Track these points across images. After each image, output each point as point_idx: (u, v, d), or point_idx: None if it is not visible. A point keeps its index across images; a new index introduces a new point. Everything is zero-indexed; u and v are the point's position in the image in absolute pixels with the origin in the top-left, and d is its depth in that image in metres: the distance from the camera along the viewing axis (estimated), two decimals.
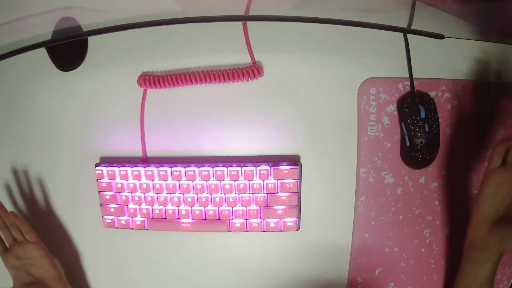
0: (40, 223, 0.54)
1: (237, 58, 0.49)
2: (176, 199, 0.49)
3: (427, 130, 0.45)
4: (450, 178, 0.49)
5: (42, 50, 0.51)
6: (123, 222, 0.51)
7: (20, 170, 0.54)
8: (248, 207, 0.49)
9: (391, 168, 0.49)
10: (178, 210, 0.50)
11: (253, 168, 0.48)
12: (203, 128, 0.50)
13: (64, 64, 0.51)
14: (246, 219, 0.49)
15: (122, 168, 0.50)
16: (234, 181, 0.48)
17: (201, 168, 0.48)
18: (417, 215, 0.49)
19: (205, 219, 0.50)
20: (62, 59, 0.51)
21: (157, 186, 0.49)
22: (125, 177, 0.50)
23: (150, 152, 0.52)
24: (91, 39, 0.51)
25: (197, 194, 0.49)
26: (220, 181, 0.48)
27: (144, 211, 0.50)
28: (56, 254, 0.55)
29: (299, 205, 0.49)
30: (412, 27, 0.46)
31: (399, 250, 0.50)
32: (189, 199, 0.49)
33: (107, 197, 0.51)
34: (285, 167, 0.47)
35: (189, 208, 0.49)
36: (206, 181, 0.49)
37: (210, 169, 0.48)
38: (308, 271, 0.52)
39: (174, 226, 0.50)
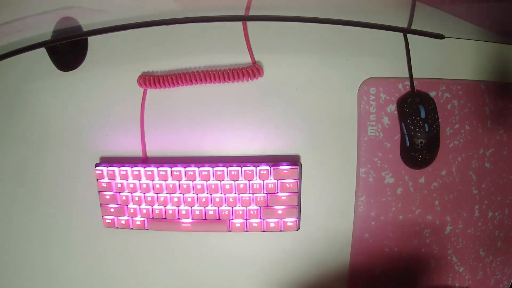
0: (40, 223, 0.54)
1: (237, 58, 0.49)
2: (176, 199, 0.49)
3: (427, 130, 0.45)
4: (450, 178, 0.49)
5: (42, 50, 0.51)
6: (123, 222, 0.51)
7: (20, 170, 0.54)
8: (248, 207, 0.49)
9: (391, 168, 0.49)
10: (178, 210, 0.50)
11: (253, 168, 0.48)
12: (203, 128, 0.50)
13: (64, 64, 0.51)
14: (246, 219, 0.49)
15: (122, 168, 0.50)
16: (234, 181, 0.48)
17: (201, 168, 0.48)
18: (417, 215, 0.49)
19: (205, 219, 0.50)
20: (62, 59, 0.51)
21: (157, 186, 0.49)
22: (125, 177, 0.50)
23: (150, 152, 0.52)
24: (91, 39, 0.51)
25: (197, 194, 0.49)
26: (220, 181, 0.48)
27: (144, 211, 0.50)
28: (56, 253, 0.55)
29: (299, 205, 0.49)
30: (412, 27, 0.46)
31: (399, 250, 0.50)
32: (189, 199, 0.49)
33: (107, 197, 0.51)
34: (285, 167, 0.47)
35: (189, 208, 0.49)
36: (206, 181, 0.49)
37: (210, 169, 0.48)
38: (308, 271, 0.52)
39: (174, 226, 0.50)
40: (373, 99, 0.48)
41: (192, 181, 0.49)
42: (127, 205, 0.51)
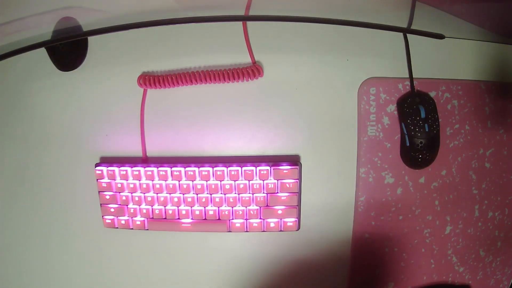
0: (40, 223, 0.54)
1: (237, 58, 0.49)
2: (176, 199, 0.49)
3: (427, 130, 0.45)
4: (450, 178, 0.49)
5: (42, 50, 0.51)
6: (123, 222, 0.51)
7: (20, 170, 0.54)
8: (248, 207, 0.49)
9: (391, 168, 0.49)
10: (178, 210, 0.50)
11: (253, 168, 0.48)
12: (203, 128, 0.50)
13: (64, 64, 0.51)
14: (246, 219, 0.49)
15: (122, 168, 0.50)
16: (234, 181, 0.48)
17: (201, 168, 0.48)
18: (417, 215, 0.49)
19: (205, 219, 0.50)
20: (62, 59, 0.51)
21: (157, 186, 0.49)
22: (125, 177, 0.50)
23: (150, 152, 0.52)
24: (91, 39, 0.51)
25: (197, 194, 0.49)
26: (220, 181, 0.48)
27: (144, 211, 0.50)
28: (56, 254, 0.55)
29: (299, 205, 0.49)
30: (412, 27, 0.46)
31: (399, 250, 0.50)
32: (189, 199, 0.49)
33: (107, 197, 0.51)
34: (285, 167, 0.47)
35: (189, 208, 0.49)
36: (206, 181, 0.49)
37: (210, 169, 0.48)
38: (308, 271, 0.52)
39: (174, 226, 0.50)
40: (373, 99, 0.48)
41: (192, 181, 0.49)
42: (127, 205, 0.51)
